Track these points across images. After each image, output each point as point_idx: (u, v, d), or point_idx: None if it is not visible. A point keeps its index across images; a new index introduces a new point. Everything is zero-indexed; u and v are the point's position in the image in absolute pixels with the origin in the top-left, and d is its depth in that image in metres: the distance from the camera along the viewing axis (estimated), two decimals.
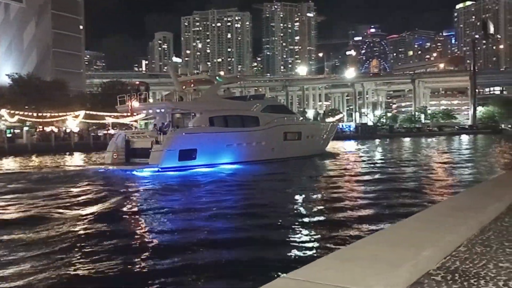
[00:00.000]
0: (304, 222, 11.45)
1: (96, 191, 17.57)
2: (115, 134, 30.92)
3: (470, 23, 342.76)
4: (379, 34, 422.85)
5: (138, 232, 10.83)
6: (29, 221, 11.89)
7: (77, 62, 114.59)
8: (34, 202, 15.12)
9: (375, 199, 14.91)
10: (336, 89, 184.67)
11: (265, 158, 29.19)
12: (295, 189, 18.17)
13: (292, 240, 9.59)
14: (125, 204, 14.70)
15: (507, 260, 3.61)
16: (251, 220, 11.81)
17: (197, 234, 10.22)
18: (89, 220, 11.94)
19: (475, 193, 6.85)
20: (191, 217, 12.61)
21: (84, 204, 14.64)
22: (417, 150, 47.71)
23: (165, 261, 8.09)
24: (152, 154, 24.18)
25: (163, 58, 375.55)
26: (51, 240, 9.83)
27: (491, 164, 29.36)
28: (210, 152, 26.31)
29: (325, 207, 13.65)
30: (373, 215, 12.16)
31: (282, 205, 14.34)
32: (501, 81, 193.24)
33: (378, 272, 2.91)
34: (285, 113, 34.15)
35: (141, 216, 12.81)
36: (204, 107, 28.11)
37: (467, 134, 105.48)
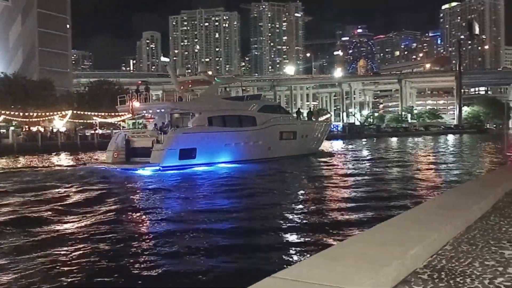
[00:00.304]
0: (293, 221, 11.49)
1: (101, 190, 17.88)
2: (115, 133, 31.59)
3: (455, 23, 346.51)
4: (366, 34, 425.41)
5: (143, 230, 11.00)
6: (38, 219, 12.05)
7: (64, 61, 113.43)
8: (41, 200, 15.35)
9: (363, 198, 15.00)
10: (324, 89, 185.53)
11: (262, 157, 29.77)
12: (289, 188, 18.28)
13: (280, 239, 9.61)
14: (133, 202, 15.16)
15: (492, 259, 3.66)
16: (242, 219, 11.85)
17: (191, 233, 10.24)
18: (97, 218, 12.15)
19: (460, 192, 6.93)
20: (190, 215, 12.82)
21: (93, 202, 14.86)
22: (404, 150, 48.12)
23: (161, 260, 8.08)
24: (153, 153, 24.74)
25: (151, 58, 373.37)
26: (54, 238, 9.97)
27: (476, 163, 29.72)
28: (209, 151, 26.91)
29: (315, 206, 13.70)
30: (360, 214, 12.23)
31: (274, 204, 14.39)
32: (486, 81, 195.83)
33: (366, 271, 2.93)
34: (280, 113, 34.83)
35: (148, 214, 13.07)
36: (203, 107, 28.59)
37: (453, 134, 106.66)
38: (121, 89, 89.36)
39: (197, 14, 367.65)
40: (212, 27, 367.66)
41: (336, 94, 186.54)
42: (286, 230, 10.57)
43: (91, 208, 13.62)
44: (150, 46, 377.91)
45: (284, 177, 22.34)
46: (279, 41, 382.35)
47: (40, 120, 64.78)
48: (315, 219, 11.78)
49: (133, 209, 13.74)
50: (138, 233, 10.63)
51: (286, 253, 8.53)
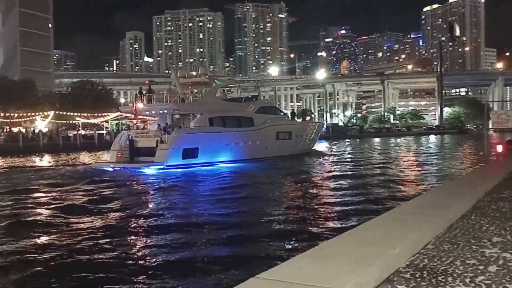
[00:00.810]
0: (278, 221, 11.51)
1: (113, 188, 18.75)
2: (118, 134, 32.75)
3: (437, 25, 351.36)
4: (349, 35, 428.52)
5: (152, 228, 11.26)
6: (53, 216, 12.46)
7: (45, 61, 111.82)
8: (51, 199, 15.87)
9: (348, 198, 15.15)
10: (308, 90, 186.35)
11: (259, 156, 30.71)
12: (280, 188, 18.62)
13: (265, 239, 9.62)
14: (146, 199, 16.11)
15: (473, 257, 3.71)
16: (230, 220, 11.88)
17: (179, 232, 10.18)
18: (114, 216, 12.71)
19: (442, 192, 7.02)
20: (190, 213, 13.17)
21: (108, 200, 15.51)
22: (387, 151, 48.60)
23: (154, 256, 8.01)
24: (158, 152, 25.52)
25: (134, 58, 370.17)
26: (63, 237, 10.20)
27: (457, 163, 30.18)
28: (210, 151, 27.88)
29: (300, 206, 13.78)
30: (344, 213, 12.33)
31: (264, 204, 14.60)
32: (467, 83, 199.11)
33: (349, 270, 2.95)
34: (276, 114, 36.44)
35: (161, 211, 13.62)
36: (204, 108, 29.62)
37: (434, 134, 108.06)
38: (105, 90, 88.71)
39: (181, 14, 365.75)
40: (196, 27, 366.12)
41: (320, 94, 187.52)
42: (270, 230, 10.58)
43: (111, 205, 14.49)
44: (134, 46, 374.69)
45: (278, 177, 22.76)
46: (263, 42, 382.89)
47: (21, 120, 63.72)
48: (299, 219, 11.82)
49: (148, 206, 14.81)
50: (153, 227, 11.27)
51: (270, 253, 8.53)
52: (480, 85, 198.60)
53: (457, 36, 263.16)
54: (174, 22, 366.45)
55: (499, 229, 4.74)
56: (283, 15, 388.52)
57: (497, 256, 3.73)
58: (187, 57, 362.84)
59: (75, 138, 58.68)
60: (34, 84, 76.29)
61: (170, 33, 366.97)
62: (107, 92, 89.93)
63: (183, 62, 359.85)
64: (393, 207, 6.76)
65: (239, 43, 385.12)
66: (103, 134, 64.72)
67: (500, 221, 5.11)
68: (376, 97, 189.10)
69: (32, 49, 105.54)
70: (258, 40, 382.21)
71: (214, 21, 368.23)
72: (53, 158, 41.32)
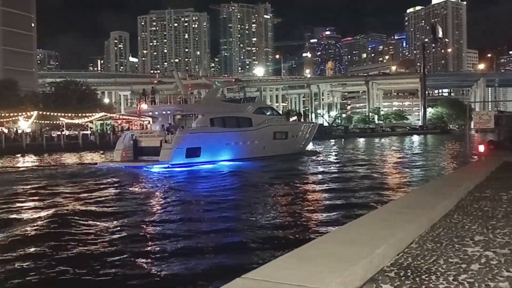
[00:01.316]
0: (265, 220, 11.51)
1: (121, 185, 19.54)
2: (122, 134, 33.88)
3: (420, 27, 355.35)
4: (334, 36, 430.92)
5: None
6: (67, 214, 12.67)
7: (28, 60, 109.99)
8: (63, 197, 16.20)
9: (334, 197, 15.21)
10: (293, 90, 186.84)
11: (257, 155, 31.55)
12: (269, 187, 18.56)
13: (251, 239, 9.61)
14: (156, 196, 16.72)
15: (456, 256, 3.76)
16: (218, 219, 11.85)
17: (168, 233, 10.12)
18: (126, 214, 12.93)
19: (425, 191, 7.10)
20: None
21: (126, 196, 16.27)
22: (371, 150, 48.97)
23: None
24: (163, 151, 26.39)
25: (119, 58, 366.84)
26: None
27: (440, 163, 30.55)
28: (212, 150, 28.86)
29: (287, 205, 13.82)
30: (330, 213, 12.38)
31: (253, 202, 14.68)
32: (449, 83, 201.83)
33: (335, 270, 2.97)
34: (273, 115, 37.55)
35: (173, 206, 14.35)
36: (205, 109, 30.71)
37: (418, 135, 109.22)
38: (89, 90, 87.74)
39: (166, 14, 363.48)
40: (182, 27, 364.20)
41: (305, 95, 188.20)
42: (257, 229, 10.58)
43: (125, 203, 14.98)
44: (118, 46, 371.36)
45: (273, 176, 23.06)
46: (249, 43, 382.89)
47: (4, 121, 62.63)
48: (285, 218, 11.85)
49: (157, 202, 15.51)
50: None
51: (255, 253, 8.53)
52: (462, 86, 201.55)
53: (440, 37, 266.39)
54: (159, 22, 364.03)
55: (481, 227, 4.81)
56: (268, 16, 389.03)
57: (479, 255, 3.79)
58: (172, 57, 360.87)
59: (59, 139, 57.86)
60: (17, 84, 75.14)
61: (155, 33, 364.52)
62: (92, 92, 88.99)
63: (169, 62, 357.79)
64: (377, 207, 6.81)
65: (225, 44, 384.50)
66: (88, 135, 63.92)
67: (482, 220, 5.19)
68: (360, 98, 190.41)
69: (14, 49, 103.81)
70: (244, 40, 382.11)
71: (199, 21, 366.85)
72: (41, 158, 40.70)
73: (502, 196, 6.94)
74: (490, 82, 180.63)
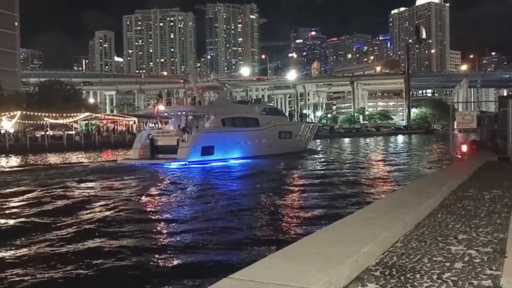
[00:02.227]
0: (250, 220, 11.52)
1: (143, 181, 20.48)
2: (138, 133, 36.21)
3: (404, 28, 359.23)
4: (319, 37, 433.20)
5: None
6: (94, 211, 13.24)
7: (11, 60, 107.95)
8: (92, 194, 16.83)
9: (318, 197, 15.25)
10: (279, 91, 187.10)
11: (264, 154, 33.30)
12: (258, 187, 18.67)
13: (238, 239, 9.61)
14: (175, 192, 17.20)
15: (440, 254, 3.81)
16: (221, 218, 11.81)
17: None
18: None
19: (409, 190, 7.17)
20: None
21: (141, 193, 16.66)
22: (357, 150, 49.30)
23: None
24: (180, 150, 28.27)
25: (104, 57, 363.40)
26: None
27: (424, 163, 30.90)
28: (224, 148, 30.78)
29: (273, 205, 13.81)
30: (315, 213, 12.43)
31: (245, 200, 14.83)
32: (433, 84, 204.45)
33: (321, 269, 2.98)
34: (279, 115, 39.96)
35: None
36: (217, 110, 32.63)
37: (403, 135, 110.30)
38: (74, 89, 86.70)
39: (152, 14, 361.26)
40: (167, 27, 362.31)
41: (291, 95, 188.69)
42: (242, 229, 10.57)
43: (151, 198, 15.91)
44: (103, 45, 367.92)
45: (271, 175, 23.33)
46: (235, 43, 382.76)
47: None
48: (271, 218, 11.86)
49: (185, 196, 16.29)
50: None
51: (240, 253, 8.53)
52: (445, 87, 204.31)
53: (423, 38, 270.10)
54: (145, 21, 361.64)
55: (465, 226, 4.88)
56: (254, 16, 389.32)
57: (462, 253, 3.84)
58: (158, 57, 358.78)
59: (43, 139, 57.05)
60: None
61: (141, 33, 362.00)
62: (76, 92, 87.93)
63: (154, 62, 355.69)
64: (362, 207, 6.86)
65: (211, 44, 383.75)
66: (72, 135, 63.15)
67: (465, 219, 5.26)
68: (346, 98, 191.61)
69: None
70: (230, 40, 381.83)
71: (185, 21, 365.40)
72: (38, 158, 40.08)
73: (484, 195, 7.05)
74: (473, 83, 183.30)
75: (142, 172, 24.42)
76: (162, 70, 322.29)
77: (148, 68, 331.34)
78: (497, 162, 13.58)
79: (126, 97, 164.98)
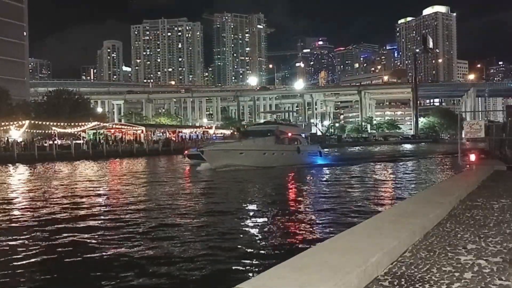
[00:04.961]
0: (259, 229, 11.50)
1: None
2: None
3: (411, 37, 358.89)
4: (326, 46, 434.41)
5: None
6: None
7: (20, 69, 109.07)
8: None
9: (325, 206, 15.19)
10: (286, 100, 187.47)
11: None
12: (265, 194, 18.62)
13: (246, 249, 9.59)
14: None
15: (449, 264, 3.78)
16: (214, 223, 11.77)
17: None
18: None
19: (418, 200, 7.13)
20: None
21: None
22: (365, 159, 49.03)
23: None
24: None
25: (112, 67, 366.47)
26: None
27: (431, 172, 30.71)
28: None
29: (283, 213, 13.77)
30: (323, 222, 12.38)
31: (249, 209, 14.46)
32: (440, 93, 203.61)
33: (328, 279, 2.97)
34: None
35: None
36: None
37: (410, 144, 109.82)
38: (82, 99, 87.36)
39: (160, 23, 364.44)
40: (175, 37, 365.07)
41: (298, 104, 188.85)
42: (250, 239, 10.55)
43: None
44: (111, 55, 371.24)
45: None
46: (242, 52, 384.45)
47: None
48: (281, 226, 11.83)
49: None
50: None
51: (249, 262, 8.51)
52: (453, 96, 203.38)
53: (431, 48, 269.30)
54: (153, 31, 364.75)
55: (474, 236, 4.84)
56: (261, 26, 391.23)
57: (472, 263, 3.82)
58: (165, 67, 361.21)
59: (51, 148, 57.44)
60: (8, 93, 74.51)
61: (149, 43, 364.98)
62: (84, 101, 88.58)
63: (162, 72, 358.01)
64: (370, 216, 6.83)
65: (218, 53, 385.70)
66: (80, 144, 63.52)
67: (474, 229, 5.22)
68: (353, 107, 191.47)
69: (6, 57, 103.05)
70: (237, 50, 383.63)
71: (193, 30, 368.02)
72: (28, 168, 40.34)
73: (493, 204, 7.00)
74: (480, 92, 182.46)
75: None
76: (169, 79, 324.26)
77: (156, 78, 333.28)
78: (505, 172, 13.47)
79: (134, 107, 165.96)
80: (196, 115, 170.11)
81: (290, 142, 37.71)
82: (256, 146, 34.26)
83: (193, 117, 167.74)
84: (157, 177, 28.71)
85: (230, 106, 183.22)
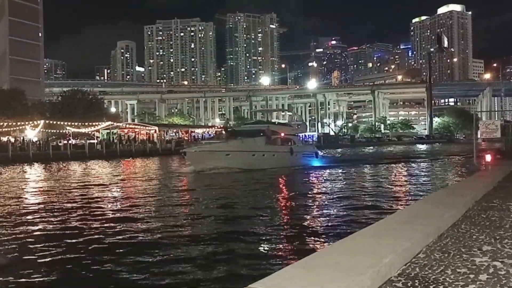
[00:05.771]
0: (270, 230, 11.49)
1: None
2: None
3: (425, 36, 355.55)
4: (339, 46, 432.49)
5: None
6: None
7: (35, 70, 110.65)
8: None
9: (340, 206, 15.12)
10: (299, 100, 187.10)
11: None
12: (277, 196, 18.56)
13: (257, 248, 9.60)
14: None
15: (464, 266, 3.74)
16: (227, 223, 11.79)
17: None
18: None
19: (432, 201, 7.06)
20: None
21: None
22: (378, 159, 48.69)
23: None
24: None
25: (125, 67, 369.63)
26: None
27: (446, 172, 30.38)
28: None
29: (294, 214, 13.75)
30: (335, 223, 12.32)
31: (259, 210, 14.46)
32: (455, 93, 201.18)
33: (341, 280, 2.96)
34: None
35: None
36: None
37: (425, 144, 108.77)
38: (96, 99, 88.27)
39: (173, 24, 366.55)
40: (188, 37, 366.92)
41: (311, 104, 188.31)
42: (262, 239, 10.55)
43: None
44: (125, 55, 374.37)
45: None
46: (255, 52, 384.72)
47: (11, 130, 63.05)
48: (292, 227, 11.81)
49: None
50: None
51: (262, 262, 8.51)
52: (468, 96, 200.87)
53: (445, 47, 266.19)
54: (166, 32, 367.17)
55: (489, 237, 4.78)
56: (274, 26, 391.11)
57: (487, 265, 3.77)
58: (178, 67, 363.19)
59: (65, 148, 58.12)
60: (24, 93, 75.57)
61: (162, 43, 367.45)
62: (98, 101, 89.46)
63: (175, 72, 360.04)
64: (383, 217, 6.78)
65: (231, 53, 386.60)
66: (94, 144, 64.18)
67: (490, 230, 5.15)
68: (366, 107, 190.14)
69: (21, 58, 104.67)
70: (250, 50, 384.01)
71: (205, 31, 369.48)
72: (44, 167, 40.91)
73: (509, 206, 6.90)
74: (496, 92, 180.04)
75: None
76: (182, 79, 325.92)
77: (168, 78, 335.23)
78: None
79: (147, 107, 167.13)
80: (209, 115, 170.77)
81: (283, 143, 35.44)
82: (244, 147, 31.74)
83: (206, 117, 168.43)
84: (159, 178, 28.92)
85: (242, 106, 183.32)
